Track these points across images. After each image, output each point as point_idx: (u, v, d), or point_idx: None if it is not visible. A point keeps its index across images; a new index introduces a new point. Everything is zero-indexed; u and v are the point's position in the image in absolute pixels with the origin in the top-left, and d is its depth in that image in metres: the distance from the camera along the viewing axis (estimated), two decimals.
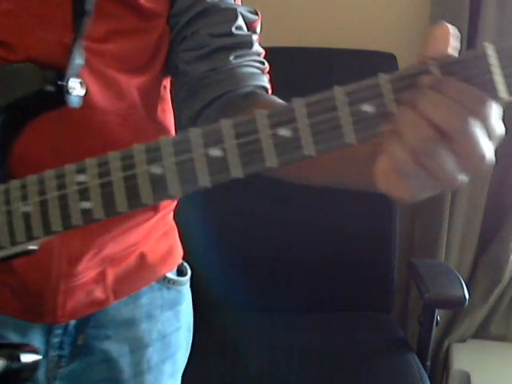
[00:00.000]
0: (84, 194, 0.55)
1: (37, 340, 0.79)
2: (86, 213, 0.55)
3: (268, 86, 0.78)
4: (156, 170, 0.52)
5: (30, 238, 0.58)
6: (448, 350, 1.91)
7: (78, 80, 0.65)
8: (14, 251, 0.60)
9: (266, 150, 0.51)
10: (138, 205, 0.53)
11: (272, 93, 0.81)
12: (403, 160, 0.48)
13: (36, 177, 0.57)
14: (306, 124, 0.51)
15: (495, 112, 0.49)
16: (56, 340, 0.80)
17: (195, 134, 0.52)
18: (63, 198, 0.56)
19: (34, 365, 0.63)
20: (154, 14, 0.74)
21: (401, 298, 1.91)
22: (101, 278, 0.81)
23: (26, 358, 0.62)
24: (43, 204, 0.56)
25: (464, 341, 1.93)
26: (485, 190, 1.81)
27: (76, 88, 0.65)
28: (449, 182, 0.51)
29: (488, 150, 0.50)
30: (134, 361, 0.85)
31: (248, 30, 0.77)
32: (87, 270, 0.79)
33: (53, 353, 0.81)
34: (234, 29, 0.75)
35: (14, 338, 0.76)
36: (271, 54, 0.94)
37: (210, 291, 1.62)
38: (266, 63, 0.80)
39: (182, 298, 0.92)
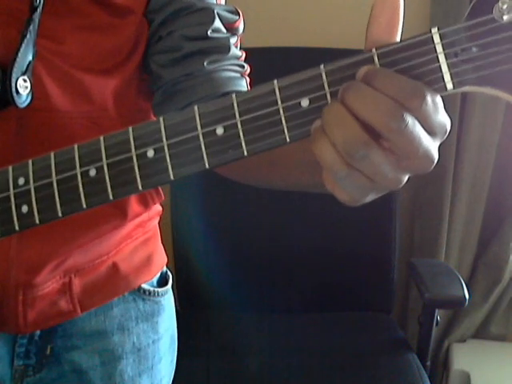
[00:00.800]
0: (21, 197, 0.52)
1: (1, 348, 0.77)
2: (23, 217, 0.53)
3: (247, 90, 0.74)
4: (92, 172, 0.51)
5: None
6: (448, 350, 1.91)
7: (25, 77, 0.62)
8: None
9: (201, 149, 0.49)
10: (73, 209, 0.51)
11: None
12: (330, 161, 0.44)
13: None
14: (240, 121, 0.48)
15: (436, 105, 0.44)
16: (21, 350, 0.78)
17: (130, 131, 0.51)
18: (3, 201, 0.53)
19: None
20: (126, 10, 0.70)
21: (401, 298, 1.91)
22: (66, 288, 0.78)
23: None
24: None
25: (464, 341, 1.93)
26: (485, 190, 1.81)
27: (26, 87, 0.62)
28: (389, 184, 0.46)
29: (430, 147, 0.44)
30: (106, 373, 0.82)
31: (227, 31, 0.73)
32: (49, 281, 0.76)
33: (18, 362, 0.79)
34: (209, 32, 0.71)
35: None
36: (271, 54, 0.94)
37: (210, 291, 1.62)
38: (246, 66, 0.76)
39: (161, 309, 0.88)
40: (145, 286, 0.86)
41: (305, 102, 0.47)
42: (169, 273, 0.92)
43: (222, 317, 1.67)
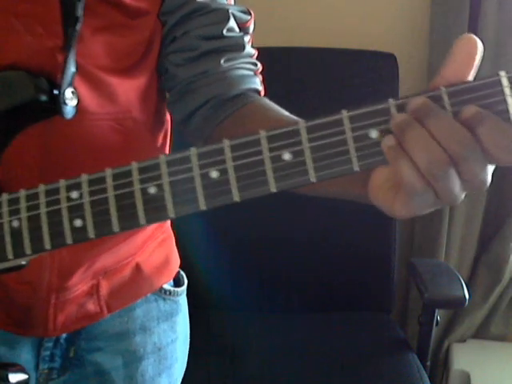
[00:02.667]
0: (76, 211, 0.53)
1: (26, 353, 0.78)
2: (77, 231, 0.53)
3: (260, 87, 0.77)
4: (151, 189, 0.51)
5: (18, 255, 0.56)
6: (448, 350, 1.91)
7: (71, 89, 0.63)
8: (2, 267, 0.58)
9: (267, 173, 0.50)
10: (132, 225, 0.52)
11: (272, 93, 0.79)
12: (413, 180, 0.48)
13: (25, 192, 0.55)
14: (308, 148, 0.49)
15: (500, 139, 0.49)
16: (46, 353, 0.79)
17: (193, 153, 0.51)
18: (54, 215, 0.54)
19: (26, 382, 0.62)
20: (140, 11, 0.71)
21: (401, 298, 1.91)
22: (94, 291, 0.79)
23: (14, 377, 0.61)
24: (32, 220, 0.54)
25: (464, 341, 1.93)
26: (485, 191, 1.81)
27: (71, 98, 0.63)
28: (451, 201, 0.50)
29: (488, 172, 0.50)
30: (128, 374, 0.83)
31: (240, 30, 0.75)
32: (79, 284, 0.77)
33: (43, 366, 0.79)
34: (225, 31, 0.73)
35: (1, 350, 0.75)
36: (271, 53, 0.94)
37: (210, 292, 1.62)
38: (259, 64, 0.78)
39: (179, 309, 0.90)
40: (165, 286, 0.87)
41: (374, 134, 0.49)
42: (182, 273, 0.93)
43: (222, 317, 1.67)
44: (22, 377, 0.61)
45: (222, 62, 0.72)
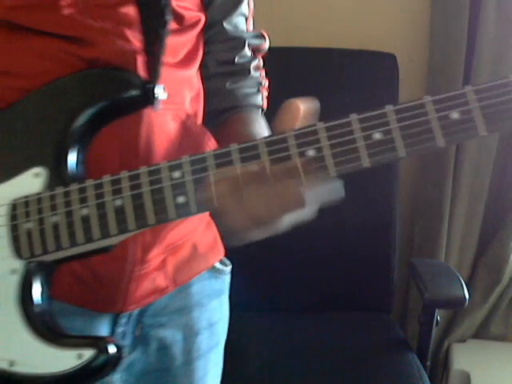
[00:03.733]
0: (178, 189, 0.60)
1: (103, 330, 0.79)
2: (180, 207, 0.60)
3: (260, 102, 0.89)
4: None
5: (122, 230, 0.61)
6: (448, 350, 1.91)
7: (162, 85, 0.68)
8: (91, 248, 0.63)
9: (361, 150, 0.58)
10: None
11: (272, 93, 0.88)
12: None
13: (128, 173, 0.61)
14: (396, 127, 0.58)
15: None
16: (120, 330, 0.81)
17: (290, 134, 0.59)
18: (157, 193, 0.60)
19: (120, 356, 0.65)
20: (192, 20, 0.79)
21: (401, 298, 1.91)
22: (162, 265, 0.82)
23: (112, 349, 0.64)
24: (136, 198, 0.61)
25: (464, 341, 1.93)
26: (485, 190, 1.81)
27: (161, 93, 0.68)
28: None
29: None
30: (186, 348, 0.87)
31: (254, 53, 0.89)
32: (155, 258, 0.80)
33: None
34: (237, 58, 0.86)
35: (81, 327, 0.77)
36: (271, 53, 0.94)
37: None
38: (264, 81, 0.90)
39: (226, 288, 0.95)
40: (216, 264, 0.92)
41: (455, 115, 0.57)
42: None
43: None
44: (117, 349, 0.64)
45: (227, 84, 0.86)
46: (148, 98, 0.67)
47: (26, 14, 0.67)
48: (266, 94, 0.91)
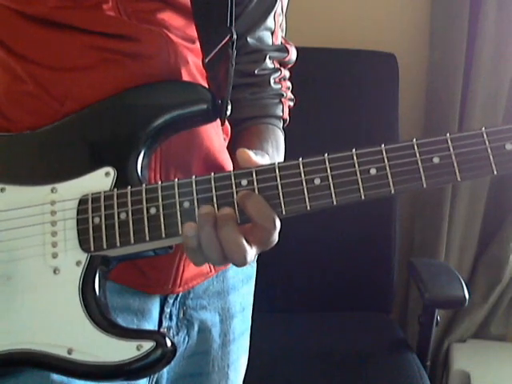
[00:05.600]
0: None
1: (154, 310, 0.81)
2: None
3: (280, 113, 0.92)
4: (316, 180, 0.64)
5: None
6: (448, 350, 1.91)
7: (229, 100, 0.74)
8: (154, 246, 0.67)
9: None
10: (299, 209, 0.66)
11: None
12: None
13: (196, 178, 0.66)
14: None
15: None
16: (168, 310, 0.83)
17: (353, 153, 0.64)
18: (223, 197, 0.65)
19: (175, 350, 0.66)
20: None
21: (401, 298, 1.91)
22: None
23: (168, 342, 0.65)
24: (202, 201, 0.65)
25: (464, 341, 1.93)
26: (485, 190, 1.81)
27: (229, 108, 0.74)
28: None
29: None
30: (223, 331, 0.89)
31: (280, 64, 0.94)
32: None
33: (165, 323, 0.83)
34: (257, 70, 0.90)
35: (134, 307, 0.79)
36: None
37: None
38: (286, 93, 0.93)
39: (254, 273, 0.97)
40: None
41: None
42: None
43: None
44: (171, 342, 0.66)
45: (247, 94, 0.90)
46: (218, 113, 0.72)
47: (70, 14, 0.70)
48: (288, 104, 0.95)
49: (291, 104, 0.96)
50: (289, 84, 0.96)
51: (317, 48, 1.73)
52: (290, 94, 0.95)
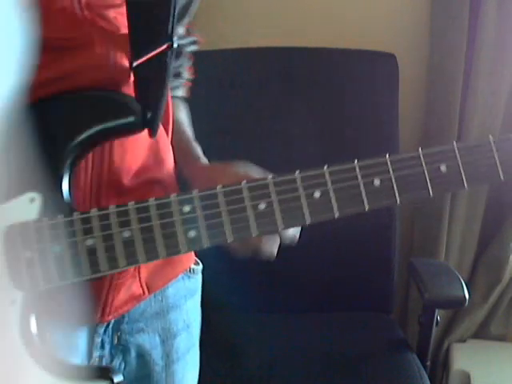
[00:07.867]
0: (189, 223, 0.60)
1: (82, 341, 0.79)
2: (191, 241, 0.61)
3: (182, 94, 0.95)
4: (261, 205, 0.62)
5: (131, 263, 0.61)
6: (448, 350, 1.91)
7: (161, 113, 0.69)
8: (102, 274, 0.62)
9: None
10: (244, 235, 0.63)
11: (272, 93, 0.84)
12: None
13: (135, 205, 0.60)
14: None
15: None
16: (98, 340, 0.80)
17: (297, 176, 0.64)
18: (167, 226, 0.60)
19: None
20: None
21: (401, 298, 1.91)
22: (136, 273, 0.81)
23: (116, 378, 0.64)
24: (145, 231, 0.60)
25: (464, 341, 1.93)
26: (485, 190, 1.81)
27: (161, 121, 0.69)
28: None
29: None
30: (165, 351, 0.86)
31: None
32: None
33: (96, 353, 0.81)
34: (180, 69, 0.92)
35: (61, 340, 0.75)
36: (271, 53, 0.94)
37: (210, 292, 1.62)
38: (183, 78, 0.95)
39: (198, 287, 0.95)
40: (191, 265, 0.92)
41: (443, 168, 0.63)
42: None
43: (222, 317, 1.66)
44: (120, 378, 0.64)
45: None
46: (148, 125, 0.67)
47: None
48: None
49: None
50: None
51: (317, 48, 1.73)
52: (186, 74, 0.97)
